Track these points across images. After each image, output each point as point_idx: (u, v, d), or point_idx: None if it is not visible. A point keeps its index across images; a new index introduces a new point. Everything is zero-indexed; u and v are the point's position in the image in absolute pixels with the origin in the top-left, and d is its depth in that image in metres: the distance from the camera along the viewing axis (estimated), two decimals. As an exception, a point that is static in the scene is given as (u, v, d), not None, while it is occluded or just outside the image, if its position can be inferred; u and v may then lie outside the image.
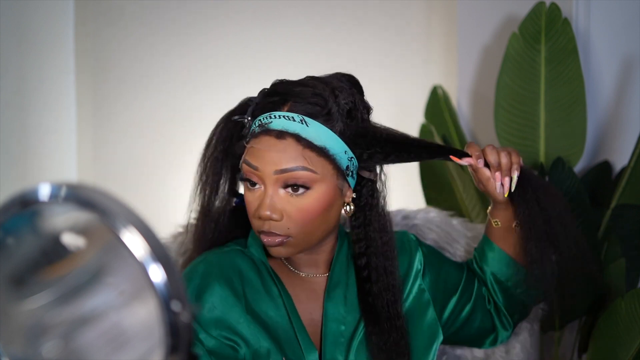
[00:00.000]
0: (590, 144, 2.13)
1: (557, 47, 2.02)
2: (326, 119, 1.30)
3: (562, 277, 1.46)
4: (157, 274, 0.73)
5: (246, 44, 2.65)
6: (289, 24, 2.60)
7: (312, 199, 1.29)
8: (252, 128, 1.33)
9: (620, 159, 2.09)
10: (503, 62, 2.09)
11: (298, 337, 1.36)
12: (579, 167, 2.12)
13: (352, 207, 1.36)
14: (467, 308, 1.50)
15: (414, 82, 2.48)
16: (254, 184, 1.31)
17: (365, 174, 1.37)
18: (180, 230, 1.63)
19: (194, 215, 1.43)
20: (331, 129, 1.30)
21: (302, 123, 1.29)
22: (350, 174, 1.34)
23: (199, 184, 1.40)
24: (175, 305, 0.73)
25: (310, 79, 1.36)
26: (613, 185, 2.04)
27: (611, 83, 2.12)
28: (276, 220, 1.29)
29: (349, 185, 1.35)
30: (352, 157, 1.33)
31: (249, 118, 1.34)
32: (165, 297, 0.73)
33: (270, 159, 1.28)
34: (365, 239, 1.39)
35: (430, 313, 1.46)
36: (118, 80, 2.80)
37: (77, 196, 0.75)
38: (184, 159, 1.79)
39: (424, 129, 2.21)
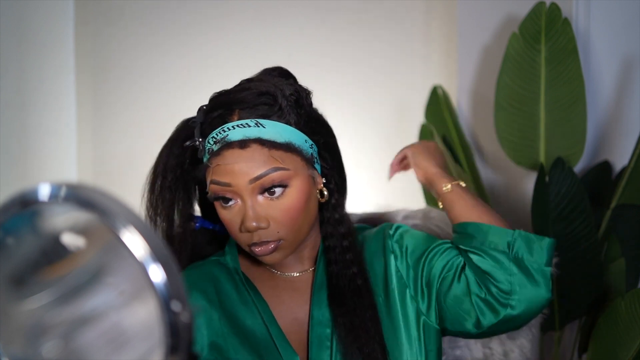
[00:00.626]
0: (590, 144, 2.13)
1: (557, 47, 2.02)
2: (279, 115, 1.28)
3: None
4: (157, 274, 0.73)
5: (246, 44, 2.65)
6: (289, 24, 2.60)
7: (292, 197, 1.28)
8: (208, 147, 1.29)
9: (620, 159, 2.09)
10: (503, 62, 2.09)
11: (277, 344, 1.33)
12: (579, 167, 2.12)
13: (325, 193, 1.34)
14: (449, 275, 1.38)
15: (414, 82, 2.48)
16: (227, 200, 1.28)
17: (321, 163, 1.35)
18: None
19: None
20: (287, 124, 1.28)
21: (258, 126, 1.26)
22: (315, 160, 1.33)
23: (151, 212, 1.35)
24: (175, 305, 0.73)
25: (246, 82, 1.34)
26: (613, 185, 2.04)
27: (611, 83, 2.12)
28: (264, 228, 1.27)
29: (318, 172, 1.34)
30: (312, 144, 1.32)
31: (200, 139, 1.30)
32: (165, 297, 0.73)
33: (240, 171, 1.25)
34: (330, 222, 1.38)
35: (413, 304, 1.38)
36: (118, 80, 2.80)
37: (77, 196, 0.75)
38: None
39: (424, 129, 2.21)
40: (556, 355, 2.09)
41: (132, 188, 2.94)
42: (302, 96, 1.32)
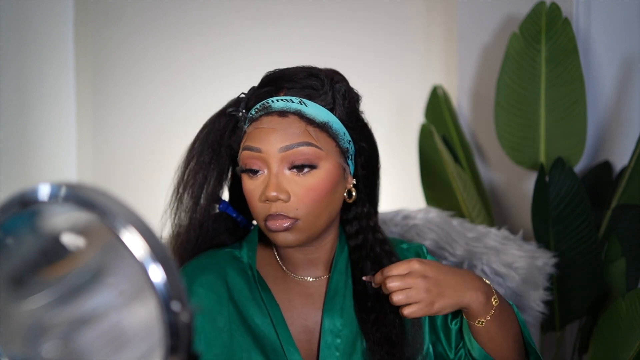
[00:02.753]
0: (590, 144, 2.13)
1: (557, 47, 2.02)
2: (323, 99, 1.28)
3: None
4: (157, 274, 0.73)
5: (246, 44, 2.65)
6: (289, 24, 2.60)
7: (319, 178, 1.26)
8: (250, 116, 1.29)
9: (620, 159, 2.09)
10: (503, 62, 2.09)
11: (284, 349, 1.31)
12: (579, 167, 2.12)
13: (354, 194, 1.33)
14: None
15: (414, 82, 2.48)
16: (255, 171, 1.27)
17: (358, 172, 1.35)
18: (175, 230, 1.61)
19: (176, 220, 1.36)
20: (330, 110, 1.28)
21: (301, 104, 1.26)
22: (350, 157, 1.32)
23: (180, 188, 1.34)
24: (175, 306, 0.73)
25: (307, 67, 1.34)
26: (613, 185, 2.04)
27: (611, 83, 2.12)
28: (284, 201, 1.25)
29: (350, 170, 1.33)
30: (350, 141, 1.31)
31: (244, 110, 1.31)
32: (165, 297, 0.73)
33: (274, 137, 1.25)
34: (361, 219, 1.38)
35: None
36: (118, 80, 2.80)
37: (77, 196, 0.75)
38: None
39: (424, 129, 2.21)
40: (556, 355, 2.09)
41: (132, 188, 2.95)
42: (351, 95, 1.33)
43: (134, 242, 0.73)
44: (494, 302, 1.27)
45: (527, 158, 2.08)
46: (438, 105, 2.28)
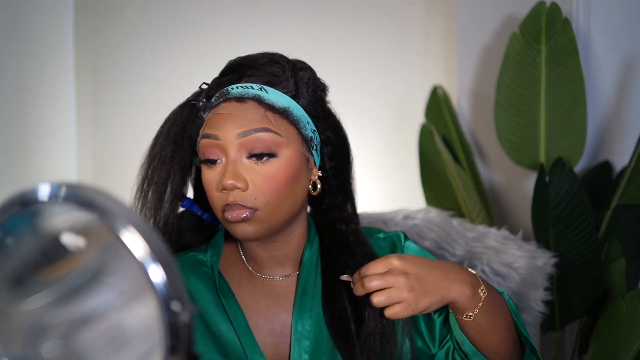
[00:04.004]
0: (590, 144, 2.13)
1: (557, 47, 2.02)
2: (285, 86, 1.24)
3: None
4: (157, 274, 0.73)
5: (245, 44, 2.64)
6: (288, 23, 2.60)
7: (279, 166, 1.20)
8: (210, 104, 1.26)
9: (620, 159, 2.09)
10: (503, 62, 2.09)
11: (248, 356, 1.26)
12: (579, 167, 2.12)
13: (318, 186, 1.27)
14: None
15: (414, 82, 2.48)
16: (213, 161, 1.22)
17: (323, 163, 1.30)
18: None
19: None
20: (292, 97, 1.24)
21: (262, 90, 1.22)
22: (315, 147, 1.26)
23: (145, 185, 1.29)
24: (175, 306, 0.73)
25: (269, 53, 1.30)
26: (613, 185, 2.04)
27: (611, 83, 2.12)
28: (242, 190, 1.19)
29: (315, 161, 1.27)
30: (314, 130, 1.26)
31: (204, 100, 1.27)
32: (165, 297, 0.73)
33: (231, 122, 1.20)
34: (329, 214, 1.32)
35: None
36: (118, 80, 2.80)
37: (77, 196, 0.75)
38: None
39: (424, 129, 2.21)
40: (556, 355, 2.09)
41: (132, 188, 2.94)
42: (316, 83, 1.29)
43: (134, 242, 0.73)
44: (481, 294, 1.18)
45: (527, 158, 2.08)
46: (438, 105, 2.28)
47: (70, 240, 0.78)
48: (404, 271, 1.13)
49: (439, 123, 2.26)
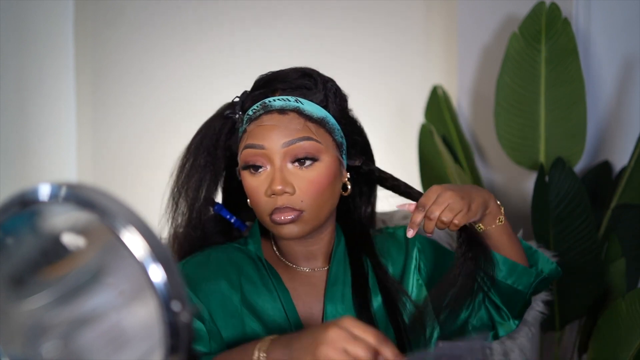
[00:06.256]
0: (590, 144, 2.13)
1: (557, 47, 2.02)
2: (317, 98, 1.33)
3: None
4: (157, 274, 0.73)
5: (246, 43, 2.65)
6: (288, 24, 2.60)
7: (321, 171, 1.31)
8: (248, 116, 1.34)
9: (620, 159, 2.09)
10: (503, 62, 2.09)
11: (290, 321, 1.36)
12: (579, 167, 2.12)
13: (349, 187, 1.38)
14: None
15: (414, 82, 2.48)
16: (257, 168, 1.31)
17: (350, 162, 1.40)
18: (174, 231, 1.62)
19: (173, 223, 1.42)
20: (324, 107, 1.34)
21: (297, 102, 1.32)
22: (344, 150, 1.38)
23: (176, 191, 1.39)
24: (175, 305, 0.73)
25: (300, 68, 1.38)
26: (613, 185, 2.04)
27: (611, 83, 2.12)
28: (290, 194, 1.30)
29: (344, 164, 1.38)
30: (343, 136, 1.37)
31: (240, 112, 1.35)
32: (165, 297, 0.73)
33: (276, 133, 1.30)
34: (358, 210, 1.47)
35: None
36: (118, 80, 2.80)
37: (77, 196, 0.75)
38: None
39: (424, 129, 2.21)
40: (556, 355, 2.09)
41: (132, 188, 2.95)
42: (340, 93, 1.39)
43: (134, 242, 0.73)
44: (499, 204, 1.38)
45: (527, 158, 2.08)
46: (438, 105, 2.28)
47: (70, 240, 0.78)
48: (448, 189, 1.31)
49: (439, 123, 2.26)
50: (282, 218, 1.30)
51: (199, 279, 1.36)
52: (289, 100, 1.31)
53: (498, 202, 1.38)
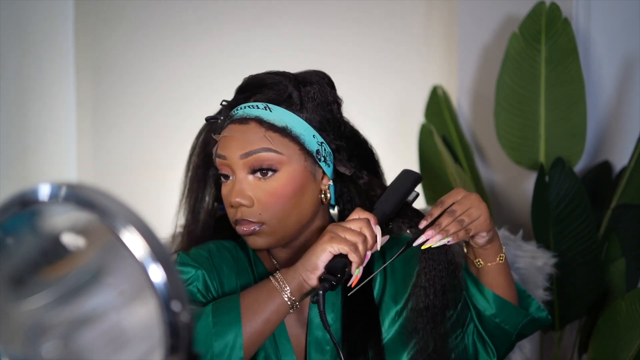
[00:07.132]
0: (590, 144, 2.13)
1: (557, 47, 2.02)
2: (289, 104, 1.30)
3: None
4: (157, 274, 0.73)
5: (246, 43, 2.65)
6: (288, 24, 2.60)
7: (281, 182, 1.28)
8: (220, 124, 1.35)
9: (620, 159, 2.09)
10: (503, 62, 2.09)
11: (277, 341, 1.33)
12: (579, 167, 2.12)
13: (328, 195, 1.34)
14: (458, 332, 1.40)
15: (414, 82, 2.48)
16: (227, 176, 1.31)
17: (341, 169, 1.35)
18: (180, 230, 1.63)
19: (182, 223, 1.45)
20: (296, 113, 1.30)
21: (266, 109, 1.30)
22: (323, 159, 1.32)
23: (185, 192, 1.42)
24: (175, 305, 0.73)
25: (276, 72, 1.36)
26: (613, 185, 2.04)
27: (611, 83, 2.12)
28: (247, 207, 1.28)
29: (324, 172, 1.33)
30: (322, 142, 1.32)
31: (222, 118, 1.36)
32: (165, 297, 0.73)
33: (235, 144, 1.29)
34: None
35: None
36: (118, 80, 2.80)
37: (77, 196, 0.75)
38: (184, 158, 1.80)
39: (424, 129, 2.21)
40: (556, 355, 2.09)
41: (132, 188, 2.95)
42: (324, 96, 1.34)
43: (134, 242, 0.73)
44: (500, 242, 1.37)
45: (527, 158, 2.08)
46: (438, 105, 2.28)
47: (70, 240, 0.78)
48: (474, 193, 1.32)
49: (439, 123, 2.26)
50: (244, 229, 1.29)
51: (204, 255, 1.36)
52: (257, 108, 1.29)
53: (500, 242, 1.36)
